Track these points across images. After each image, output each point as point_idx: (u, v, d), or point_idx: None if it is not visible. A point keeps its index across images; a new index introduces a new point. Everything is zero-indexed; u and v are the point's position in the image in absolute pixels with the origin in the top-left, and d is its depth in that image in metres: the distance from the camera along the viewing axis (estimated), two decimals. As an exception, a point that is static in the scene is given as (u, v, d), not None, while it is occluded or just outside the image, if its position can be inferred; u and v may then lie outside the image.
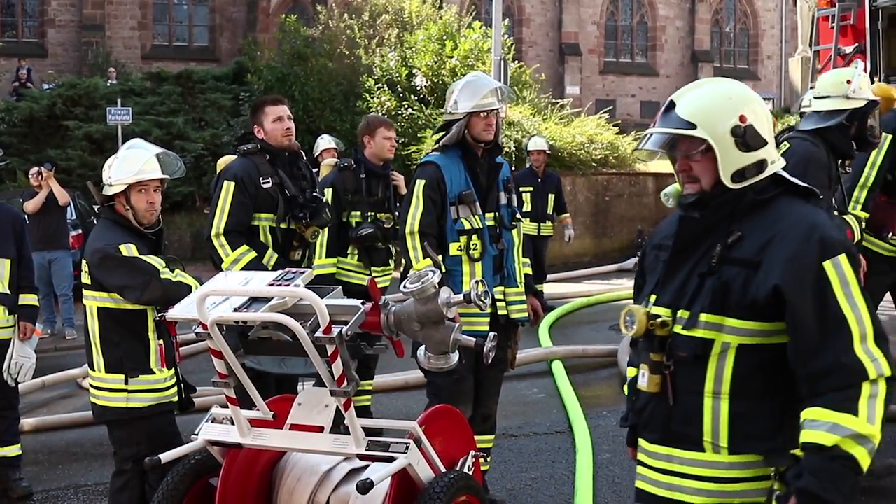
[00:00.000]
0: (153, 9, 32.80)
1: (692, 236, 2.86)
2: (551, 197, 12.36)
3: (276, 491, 4.27)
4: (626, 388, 3.13)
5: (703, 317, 2.72)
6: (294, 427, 4.04)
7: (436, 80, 20.67)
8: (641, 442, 2.93)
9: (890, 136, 6.06)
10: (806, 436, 2.56)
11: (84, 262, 4.87)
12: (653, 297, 2.89)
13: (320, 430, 3.99)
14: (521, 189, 11.30)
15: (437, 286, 3.51)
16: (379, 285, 6.96)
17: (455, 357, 3.79)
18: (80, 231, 14.28)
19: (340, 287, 4.03)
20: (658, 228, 3.18)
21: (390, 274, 7.38)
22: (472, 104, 5.38)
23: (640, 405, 2.91)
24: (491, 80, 5.72)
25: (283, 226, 6.03)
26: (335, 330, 3.54)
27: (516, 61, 23.25)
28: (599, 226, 17.89)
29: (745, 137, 2.76)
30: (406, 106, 20.09)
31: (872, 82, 10.50)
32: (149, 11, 32.56)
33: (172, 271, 4.75)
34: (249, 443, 4.05)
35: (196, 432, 4.18)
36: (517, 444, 6.95)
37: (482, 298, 3.59)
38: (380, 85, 20.56)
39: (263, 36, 30.17)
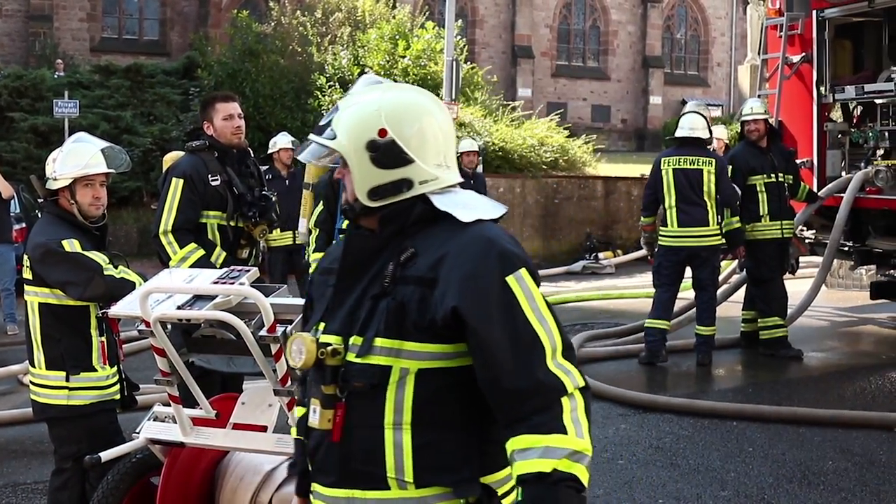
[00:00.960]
0: (103, 1, 32.45)
1: (362, 255, 2.59)
2: None
3: (218, 490, 4.24)
4: (293, 430, 2.81)
5: (379, 342, 2.47)
6: (237, 426, 4.03)
7: (388, 80, 20.64)
8: (316, 487, 2.61)
9: None
10: (520, 467, 2.36)
11: (26, 256, 4.80)
12: (321, 325, 2.61)
13: (264, 429, 3.98)
14: None
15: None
16: None
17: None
18: (23, 225, 14.04)
19: (286, 286, 4.03)
20: (329, 252, 2.87)
21: None
22: None
23: (313, 446, 2.59)
24: (360, 85, 5.73)
25: (231, 224, 6.00)
26: (280, 329, 3.54)
27: (469, 62, 23.30)
28: (548, 228, 17.97)
29: (379, 154, 2.52)
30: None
31: (819, 91, 10.74)
32: (98, 3, 32.22)
33: (116, 267, 4.71)
34: (192, 442, 4.03)
35: (137, 431, 4.14)
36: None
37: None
38: (331, 83, 20.49)
39: (215, 31, 29.97)
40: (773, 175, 9.58)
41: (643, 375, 9.01)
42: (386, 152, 2.52)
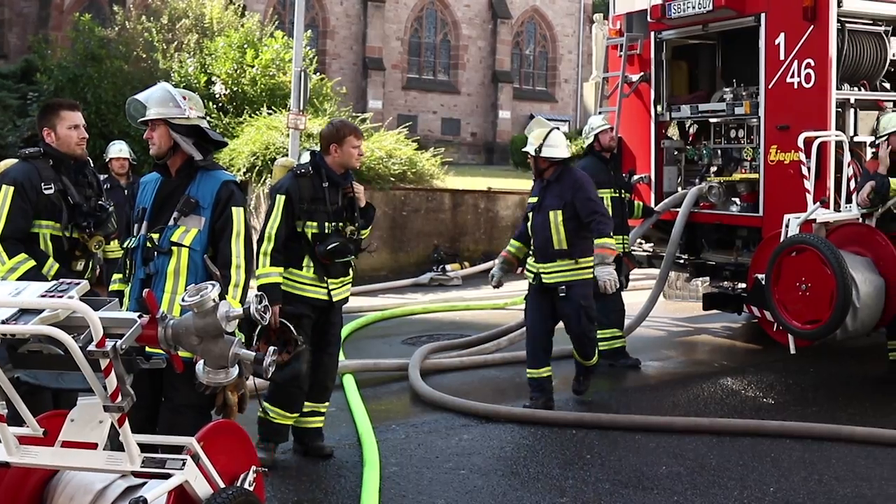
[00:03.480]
0: (-65, -1, 31.12)
1: None
2: None
3: (47, 511, 4.09)
4: None
5: None
6: (66, 444, 3.90)
7: (235, 89, 20.41)
8: None
9: None
10: None
11: None
12: None
13: (94, 446, 3.86)
14: None
15: (216, 299, 3.46)
16: (337, 297, 6.75)
17: (235, 371, 3.75)
18: None
19: (117, 300, 3.93)
20: None
21: (349, 285, 7.01)
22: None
23: None
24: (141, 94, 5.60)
25: (65, 234, 5.84)
26: (109, 343, 3.45)
27: (318, 73, 23.23)
28: (396, 240, 18.02)
29: None
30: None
31: (657, 110, 11.12)
32: (-70, 2, 30.87)
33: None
34: (17, 461, 3.88)
35: (-42, 450, 3.96)
36: (306, 457, 6.92)
37: (262, 313, 3.57)
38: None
39: (55, 34, 29.11)
40: (617, 190, 9.84)
41: (486, 387, 9.11)
42: None
